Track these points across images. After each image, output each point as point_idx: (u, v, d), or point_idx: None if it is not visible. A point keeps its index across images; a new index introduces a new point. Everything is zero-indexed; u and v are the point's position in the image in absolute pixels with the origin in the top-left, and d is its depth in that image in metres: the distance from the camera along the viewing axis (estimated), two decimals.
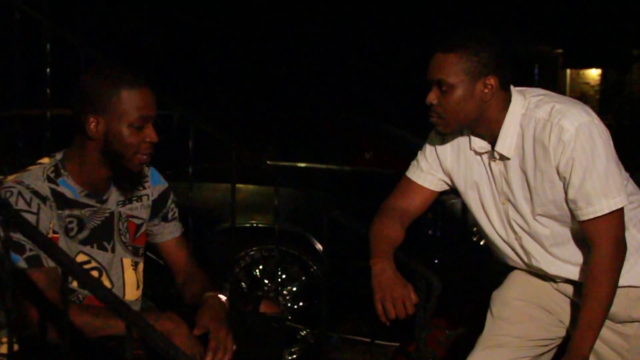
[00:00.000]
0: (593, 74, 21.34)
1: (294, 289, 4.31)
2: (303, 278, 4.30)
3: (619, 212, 2.15)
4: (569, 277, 2.32)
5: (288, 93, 12.42)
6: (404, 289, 2.20)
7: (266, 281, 4.33)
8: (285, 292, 4.29)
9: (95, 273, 2.20)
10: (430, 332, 3.33)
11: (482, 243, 4.12)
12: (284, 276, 4.31)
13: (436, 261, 4.18)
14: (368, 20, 14.16)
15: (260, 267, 4.34)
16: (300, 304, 4.31)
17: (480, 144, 2.28)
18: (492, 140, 2.24)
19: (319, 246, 4.13)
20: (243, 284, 4.33)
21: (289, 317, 4.21)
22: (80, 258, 2.17)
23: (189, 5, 12.46)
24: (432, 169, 2.40)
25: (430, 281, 2.40)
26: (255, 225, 4.32)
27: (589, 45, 19.13)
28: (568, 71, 21.52)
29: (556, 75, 21.09)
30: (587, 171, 2.11)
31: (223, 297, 2.25)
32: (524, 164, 2.21)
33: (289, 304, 4.28)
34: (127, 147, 2.10)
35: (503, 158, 2.24)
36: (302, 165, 5.07)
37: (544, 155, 2.15)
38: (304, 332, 4.25)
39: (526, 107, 2.20)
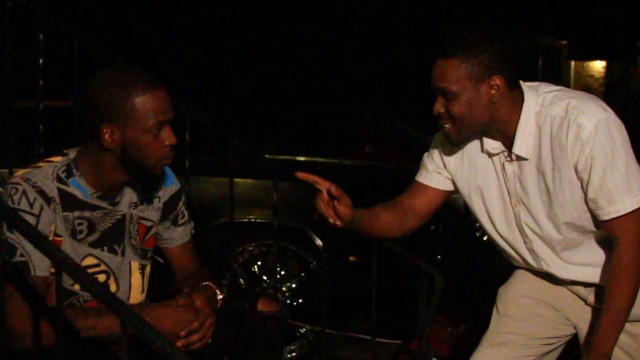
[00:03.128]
0: (598, 66, 21.27)
1: (293, 285, 4.28)
2: (302, 274, 4.26)
3: None
4: (578, 279, 2.28)
5: (287, 86, 12.39)
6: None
7: (265, 277, 4.29)
8: (284, 288, 4.26)
9: (102, 276, 2.15)
10: (433, 330, 3.29)
11: (485, 238, 4.08)
12: (283, 272, 4.27)
13: (439, 257, 4.14)
14: (368, 12, 14.12)
15: (259, 263, 4.31)
16: (300, 300, 4.28)
17: (493, 144, 2.22)
18: (506, 140, 2.19)
19: (319, 242, 4.10)
20: (241, 280, 4.29)
21: (288, 315, 4.17)
22: (89, 261, 2.12)
23: None
24: (438, 167, 2.37)
25: (432, 277, 2.38)
26: (253, 220, 4.27)
27: (594, 36, 19.09)
28: (572, 63, 21.42)
29: (560, 67, 21.00)
30: (607, 169, 2.05)
31: (219, 294, 2.21)
32: (540, 164, 2.15)
33: (288, 301, 4.25)
34: (148, 155, 2.03)
35: (520, 159, 2.18)
36: (302, 159, 5.03)
37: (561, 153, 2.10)
38: (304, 329, 4.21)
39: (540, 104, 2.14)
